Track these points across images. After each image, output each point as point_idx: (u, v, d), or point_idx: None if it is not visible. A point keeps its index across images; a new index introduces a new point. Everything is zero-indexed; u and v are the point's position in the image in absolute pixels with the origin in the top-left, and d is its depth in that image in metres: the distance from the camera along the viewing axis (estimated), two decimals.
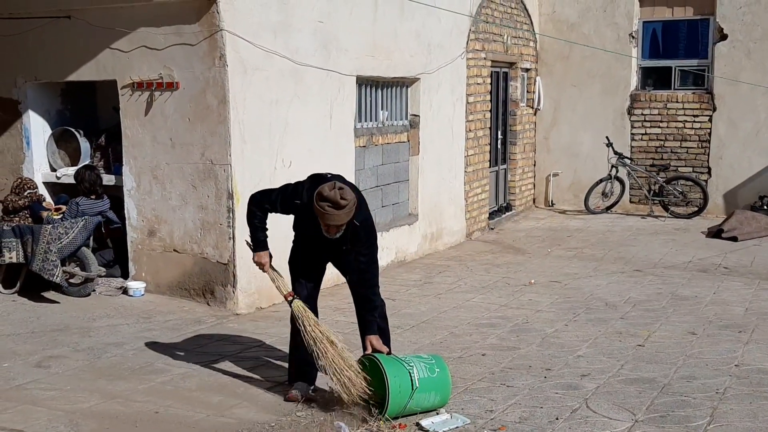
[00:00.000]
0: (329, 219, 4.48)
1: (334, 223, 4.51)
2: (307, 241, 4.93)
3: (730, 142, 12.47)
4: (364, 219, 4.72)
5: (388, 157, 9.32)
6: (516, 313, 7.15)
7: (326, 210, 4.45)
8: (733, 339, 6.31)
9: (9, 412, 4.76)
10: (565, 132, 13.37)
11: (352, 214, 4.53)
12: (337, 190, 4.45)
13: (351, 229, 4.66)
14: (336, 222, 4.51)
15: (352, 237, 4.71)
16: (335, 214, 4.46)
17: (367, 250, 4.80)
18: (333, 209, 4.44)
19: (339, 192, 4.44)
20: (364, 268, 4.82)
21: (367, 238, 4.77)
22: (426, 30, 9.60)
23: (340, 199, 4.43)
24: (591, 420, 4.69)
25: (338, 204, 4.43)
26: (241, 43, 6.92)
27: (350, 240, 4.73)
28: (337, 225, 4.54)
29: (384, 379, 4.52)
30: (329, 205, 4.44)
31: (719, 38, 12.37)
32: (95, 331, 6.47)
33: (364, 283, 4.86)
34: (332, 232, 4.61)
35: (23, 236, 7.21)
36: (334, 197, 4.43)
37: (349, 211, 4.49)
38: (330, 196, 4.43)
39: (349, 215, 4.52)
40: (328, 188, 4.46)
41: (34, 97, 8.11)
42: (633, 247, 10.31)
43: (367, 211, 4.79)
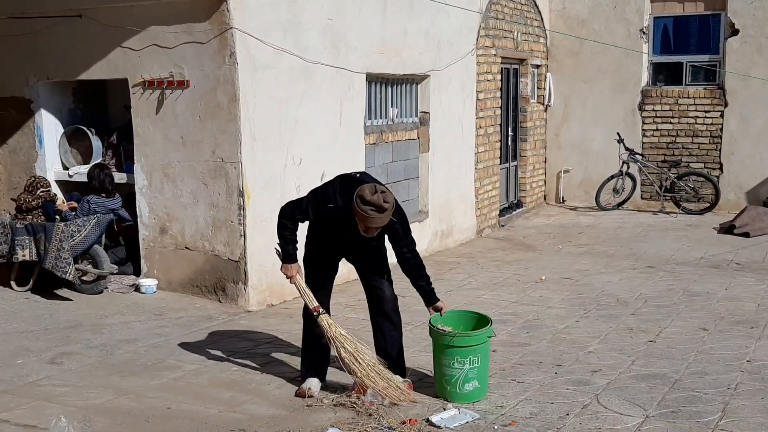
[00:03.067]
0: (372, 222, 4.57)
1: (376, 225, 4.61)
2: (326, 243, 4.97)
3: (742, 138, 12.41)
4: (399, 215, 4.80)
5: (398, 155, 9.32)
6: (527, 310, 7.14)
7: (370, 214, 4.53)
8: (744, 335, 6.29)
9: (23, 408, 4.80)
10: (576, 128, 13.34)
11: (391, 214, 4.62)
12: (379, 194, 4.53)
13: (388, 226, 4.74)
14: (378, 224, 4.61)
15: (387, 231, 4.81)
16: (378, 218, 4.55)
17: (408, 242, 4.92)
18: (376, 213, 4.53)
19: (382, 196, 4.52)
20: (409, 256, 4.93)
21: (405, 232, 4.89)
22: (435, 27, 9.59)
23: (384, 203, 4.51)
24: (602, 415, 4.69)
25: (382, 208, 4.52)
26: (251, 41, 6.94)
27: (383, 233, 4.83)
28: (378, 227, 4.64)
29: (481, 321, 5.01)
30: (372, 209, 4.52)
31: (730, 33, 12.31)
32: (108, 328, 6.51)
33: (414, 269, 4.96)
34: (371, 233, 4.70)
35: (36, 234, 7.26)
36: (377, 201, 4.51)
37: (390, 213, 4.58)
38: (373, 200, 4.51)
39: (389, 217, 4.61)
40: (370, 192, 4.53)
41: (46, 95, 8.17)
42: (644, 244, 10.28)
43: (400, 207, 4.86)
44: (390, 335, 5.09)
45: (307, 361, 5.13)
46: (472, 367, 4.79)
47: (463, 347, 4.77)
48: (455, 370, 4.79)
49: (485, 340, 4.86)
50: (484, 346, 4.87)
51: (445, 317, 5.02)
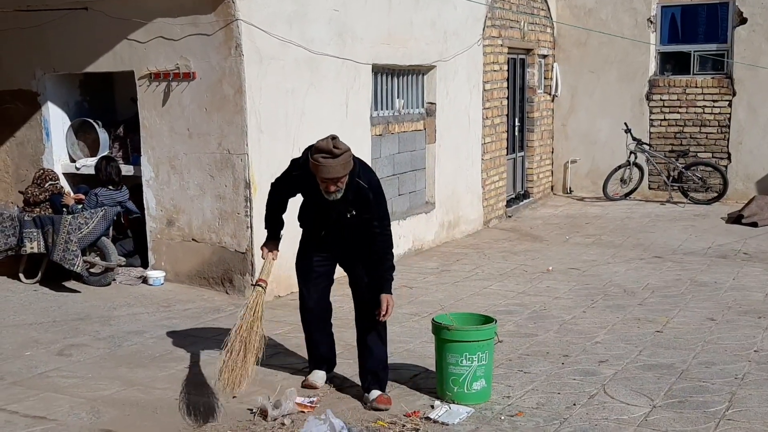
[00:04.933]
0: (325, 172, 4.31)
1: (331, 175, 4.33)
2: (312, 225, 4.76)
3: (750, 128, 12.36)
4: (370, 180, 4.58)
5: (404, 146, 9.31)
6: (534, 300, 7.14)
7: (320, 162, 4.30)
8: (752, 325, 6.28)
9: (31, 400, 4.83)
10: (583, 118, 13.30)
11: (348, 166, 4.37)
12: (329, 140, 4.32)
13: (355, 190, 4.50)
14: (333, 174, 4.32)
15: (359, 200, 4.54)
16: (330, 165, 4.29)
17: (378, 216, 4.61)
18: (327, 159, 4.29)
19: (332, 141, 4.31)
20: (378, 231, 4.60)
21: (377, 201, 4.61)
22: (442, 18, 9.57)
23: (333, 148, 4.28)
24: (609, 406, 4.69)
25: (332, 152, 4.28)
26: (257, 33, 6.93)
27: (356, 203, 4.56)
28: (335, 178, 4.35)
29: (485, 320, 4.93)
30: (323, 155, 4.29)
31: (739, 22, 12.24)
32: (116, 320, 6.54)
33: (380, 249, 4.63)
34: (332, 190, 4.41)
35: (44, 227, 7.29)
36: (326, 146, 4.29)
37: (344, 162, 4.33)
38: (322, 145, 4.31)
39: (346, 167, 4.36)
40: (322, 140, 4.36)
41: (52, 88, 8.18)
42: (652, 234, 10.26)
43: (373, 174, 4.65)
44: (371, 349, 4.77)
45: (310, 354, 5.12)
46: (481, 364, 4.71)
47: (472, 342, 4.69)
48: (464, 368, 4.68)
49: (493, 335, 4.82)
50: (491, 343, 4.81)
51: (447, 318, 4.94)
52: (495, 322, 4.87)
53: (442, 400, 4.76)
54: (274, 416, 4.47)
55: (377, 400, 4.66)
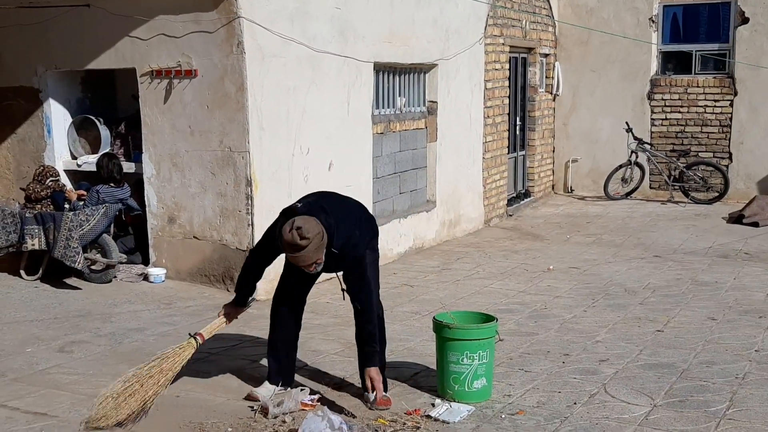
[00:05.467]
0: (297, 261, 4.17)
1: (303, 263, 4.19)
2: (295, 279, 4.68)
3: (752, 127, 12.36)
4: (343, 244, 4.33)
5: (405, 144, 9.32)
6: (534, 299, 7.14)
7: (291, 254, 4.15)
8: (753, 324, 6.28)
9: (33, 396, 4.83)
10: (585, 118, 13.30)
11: (321, 248, 4.17)
12: (294, 231, 4.08)
13: (331, 257, 4.31)
14: (305, 262, 4.17)
15: (336, 263, 4.42)
16: (300, 256, 4.14)
17: (352, 275, 4.46)
18: (295, 252, 4.12)
19: (297, 233, 4.08)
20: (355, 293, 4.48)
21: (351, 263, 4.44)
22: (443, 16, 9.57)
23: (300, 240, 4.08)
24: (609, 404, 4.69)
25: (298, 246, 4.09)
26: (259, 30, 6.93)
27: (338, 266, 4.47)
28: (309, 264, 4.20)
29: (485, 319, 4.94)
30: (291, 248, 4.12)
31: (740, 22, 12.24)
32: (117, 317, 6.54)
33: (357, 312, 4.52)
34: (311, 270, 4.27)
35: (45, 223, 7.29)
36: (292, 240, 4.09)
37: (315, 247, 4.12)
38: (288, 239, 4.11)
39: (319, 251, 4.16)
40: (287, 230, 4.12)
41: (54, 85, 8.18)
42: (653, 233, 10.26)
43: (347, 232, 4.36)
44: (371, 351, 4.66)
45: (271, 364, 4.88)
46: (482, 362, 4.71)
47: (473, 340, 4.70)
48: (464, 366, 4.69)
49: (494, 334, 4.82)
50: (492, 341, 4.81)
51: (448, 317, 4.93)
52: (496, 320, 4.87)
53: (442, 398, 4.76)
54: (275, 414, 4.47)
55: (377, 402, 4.65)
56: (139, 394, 4.32)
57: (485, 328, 4.78)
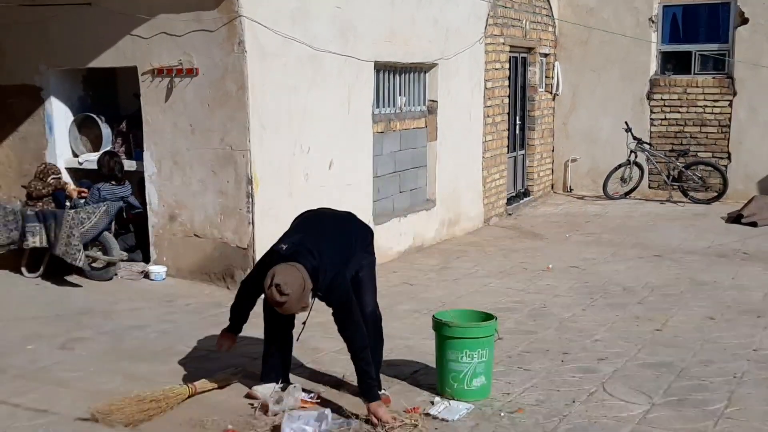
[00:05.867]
0: (282, 312, 4.22)
1: (288, 313, 4.27)
2: None
3: (751, 127, 12.38)
4: (329, 285, 4.30)
5: (406, 143, 9.34)
6: (533, 298, 7.17)
7: (278, 309, 4.17)
8: (751, 324, 6.31)
9: (34, 393, 4.85)
10: (584, 117, 13.32)
11: (305, 296, 4.15)
12: (273, 289, 4.05)
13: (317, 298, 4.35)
14: (289, 312, 4.24)
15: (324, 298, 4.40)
16: (282, 310, 4.17)
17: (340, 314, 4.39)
18: (278, 307, 4.14)
19: (276, 290, 4.05)
20: (340, 327, 4.42)
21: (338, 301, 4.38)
22: (444, 15, 9.59)
23: (279, 297, 4.06)
24: (608, 403, 4.72)
25: (278, 302, 4.09)
26: (260, 30, 6.95)
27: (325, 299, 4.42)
28: (295, 312, 4.26)
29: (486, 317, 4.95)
30: (272, 303, 4.14)
31: (740, 22, 12.26)
32: (118, 314, 6.56)
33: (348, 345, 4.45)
34: (300, 315, 4.34)
35: (46, 221, 7.31)
36: (271, 297, 4.08)
37: (297, 299, 4.10)
38: (268, 296, 4.11)
39: (301, 300, 4.14)
40: (267, 285, 4.10)
41: (56, 83, 8.20)
42: (652, 233, 10.28)
43: (333, 270, 4.31)
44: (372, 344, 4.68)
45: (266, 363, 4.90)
46: (481, 361, 4.73)
47: (472, 339, 4.72)
48: (464, 364, 4.71)
49: (493, 332, 4.84)
50: (491, 339, 4.83)
51: (448, 315, 4.97)
52: (495, 319, 4.89)
53: (441, 396, 4.78)
54: (275, 411, 4.49)
55: None
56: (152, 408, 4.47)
57: (484, 327, 4.80)
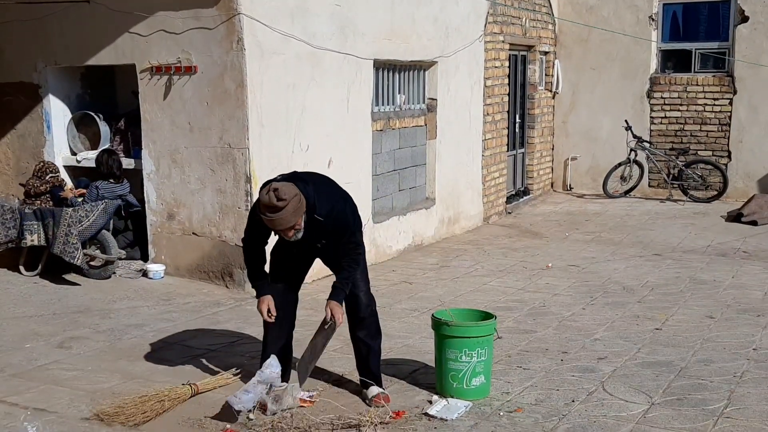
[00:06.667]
0: (275, 224, 4.16)
1: (282, 227, 4.17)
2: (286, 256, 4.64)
3: (751, 126, 12.36)
4: (327, 212, 4.33)
5: (405, 141, 9.32)
6: (533, 297, 7.15)
7: (267, 216, 4.13)
8: (751, 323, 6.29)
9: (32, 392, 4.84)
10: (584, 115, 13.30)
11: (299, 212, 4.16)
12: (271, 192, 4.07)
13: (315, 226, 4.31)
14: (283, 225, 4.16)
15: (323, 232, 4.38)
16: (277, 218, 4.11)
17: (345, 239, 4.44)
18: (272, 213, 4.10)
19: (273, 194, 4.06)
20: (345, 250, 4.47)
21: (341, 229, 4.43)
22: (444, 13, 9.57)
23: (277, 201, 4.06)
24: (607, 402, 4.70)
25: (275, 207, 4.07)
26: (259, 27, 6.93)
27: (322, 235, 4.42)
28: (287, 228, 4.19)
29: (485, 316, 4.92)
30: (268, 210, 4.10)
31: (740, 20, 12.24)
32: (116, 313, 6.55)
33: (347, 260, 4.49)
34: (290, 235, 4.26)
35: (44, 219, 7.30)
36: (268, 201, 4.08)
37: (293, 210, 4.11)
38: (265, 201, 4.10)
39: (296, 214, 4.14)
40: (264, 192, 4.12)
41: (54, 81, 8.18)
42: (651, 231, 10.27)
43: (330, 202, 4.37)
44: (366, 345, 4.76)
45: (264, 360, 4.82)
46: (480, 360, 4.71)
47: (472, 338, 4.70)
48: (463, 363, 4.69)
49: (492, 332, 4.83)
50: (490, 339, 4.82)
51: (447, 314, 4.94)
52: (494, 318, 4.88)
53: (440, 395, 4.76)
54: (274, 410, 4.48)
55: (376, 398, 4.66)
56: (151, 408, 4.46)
57: (484, 326, 4.79)
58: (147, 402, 4.50)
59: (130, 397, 4.57)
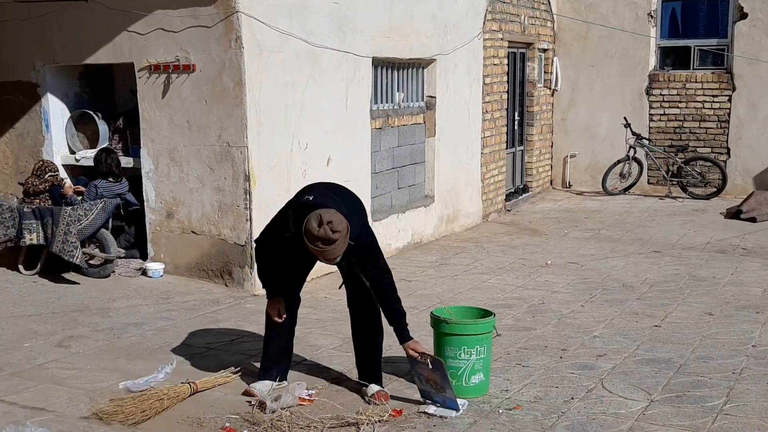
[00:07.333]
0: (326, 255, 4.21)
1: (331, 257, 4.24)
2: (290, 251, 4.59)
3: (750, 123, 12.36)
4: (357, 236, 4.36)
5: (404, 139, 9.31)
6: (532, 294, 7.15)
7: (320, 248, 4.16)
8: (750, 320, 6.30)
9: (31, 391, 4.83)
10: (583, 113, 13.30)
11: (347, 240, 4.21)
12: (326, 226, 4.11)
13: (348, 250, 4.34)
14: (332, 255, 4.23)
15: (349, 255, 4.42)
16: (330, 249, 4.16)
17: (371, 266, 4.51)
18: (326, 245, 4.14)
19: (328, 227, 4.11)
20: (375, 280, 4.53)
21: (367, 253, 4.49)
22: (442, 11, 9.56)
23: (332, 234, 4.11)
24: (606, 400, 4.71)
25: (330, 240, 4.12)
26: (257, 25, 6.93)
27: (347, 258, 4.43)
28: (335, 257, 4.26)
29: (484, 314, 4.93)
30: (322, 243, 4.14)
31: (739, 17, 12.23)
32: (115, 312, 6.55)
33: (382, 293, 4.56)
34: (333, 262, 4.35)
35: (43, 218, 7.29)
36: (325, 235, 4.11)
37: (343, 239, 4.17)
38: (321, 235, 4.12)
39: (346, 242, 4.20)
40: (316, 224, 4.13)
41: (52, 80, 8.17)
42: (651, 228, 10.27)
43: (359, 223, 4.44)
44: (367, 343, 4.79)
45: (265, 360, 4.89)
46: (479, 358, 4.71)
47: (471, 335, 4.70)
48: (462, 361, 4.69)
49: (491, 329, 4.83)
50: (489, 336, 4.82)
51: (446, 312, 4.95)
52: (493, 315, 4.88)
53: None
54: (273, 409, 4.48)
55: (375, 396, 4.67)
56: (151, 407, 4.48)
57: (483, 324, 4.79)
58: (146, 400, 4.51)
59: (129, 396, 4.58)
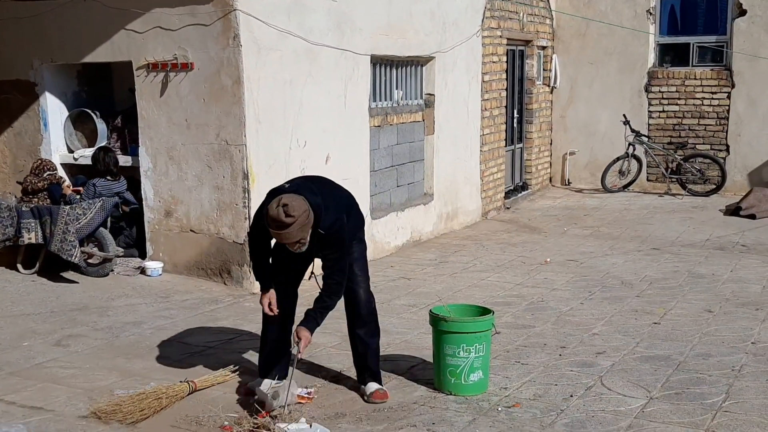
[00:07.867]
0: (281, 239, 4.17)
1: (287, 241, 4.17)
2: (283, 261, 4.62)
3: (749, 120, 12.35)
4: (329, 225, 4.31)
5: (403, 137, 9.30)
6: (531, 292, 7.15)
7: (275, 230, 4.14)
8: (750, 317, 6.29)
9: (29, 390, 4.83)
10: (582, 110, 13.29)
11: (307, 228, 4.16)
12: (281, 208, 4.06)
13: (318, 238, 4.30)
14: (289, 240, 4.16)
15: (321, 245, 4.37)
16: (284, 234, 4.12)
17: (333, 256, 4.41)
18: (279, 229, 4.11)
19: (283, 209, 4.06)
20: (328, 273, 4.45)
21: (335, 244, 4.40)
22: (441, 8, 9.55)
23: (285, 218, 4.06)
24: (606, 397, 4.70)
25: (283, 223, 4.07)
26: (255, 23, 6.91)
27: (320, 247, 4.40)
28: (293, 242, 4.19)
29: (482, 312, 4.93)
30: (275, 225, 4.10)
31: (738, 14, 12.22)
32: (114, 311, 6.54)
33: (326, 287, 4.47)
34: (295, 249, 4.25)
35: (42, 217, 7.28)
36: (277, 216, 4.07)
37: (300, 225, 4.11)
38: (273, 215, 4.09)
39: (304, 230, 4.15)
40: (274, 206, 4.10)
41: (50, 79, 8.16)
42: (650, 226, 10.26)
43: (335, 215, 4.37)
44: (364, 342, 4.76)
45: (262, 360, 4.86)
46: (478, 355, 4.71)
47: (469, 333, 4.69)
48: (461, 359, 4.69)
49: (490, 327, 4.82)
50: (488, 334, 4.81)
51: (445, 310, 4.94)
52: (492, 313, 4.87)
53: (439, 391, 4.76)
54: (272, 407, 4.47)
55: (374, 395, 4.67)
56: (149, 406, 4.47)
57: (482, 321, 4.78)
58: (145, 399, 4.50)
59: (127, 395, 4.57)
